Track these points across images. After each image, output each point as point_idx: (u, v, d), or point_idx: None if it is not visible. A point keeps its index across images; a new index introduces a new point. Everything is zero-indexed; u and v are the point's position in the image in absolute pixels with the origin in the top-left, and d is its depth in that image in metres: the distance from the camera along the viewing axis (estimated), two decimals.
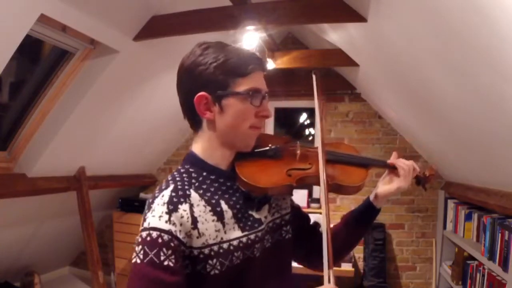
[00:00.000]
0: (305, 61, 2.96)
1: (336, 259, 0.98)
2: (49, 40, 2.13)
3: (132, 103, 2.82)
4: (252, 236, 0.82)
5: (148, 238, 0.72)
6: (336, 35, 2.56)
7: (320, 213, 3.44)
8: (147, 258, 0.70)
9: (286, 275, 0.93)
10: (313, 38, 3.16)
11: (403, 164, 0.95)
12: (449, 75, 1.65)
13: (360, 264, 3.35)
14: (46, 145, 2.52)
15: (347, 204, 3.40)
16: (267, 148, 0.90)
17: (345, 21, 2.02)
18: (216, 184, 0.82)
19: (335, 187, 0.91)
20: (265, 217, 0.88)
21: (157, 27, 2.26)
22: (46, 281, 3.55)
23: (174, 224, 0.73)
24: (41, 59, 2.41)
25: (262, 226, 0.85)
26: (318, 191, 3.25)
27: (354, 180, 0.91)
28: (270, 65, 2.93)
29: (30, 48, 2.24)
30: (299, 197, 3.32)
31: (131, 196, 3.77)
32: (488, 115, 1.60)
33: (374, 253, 3.20)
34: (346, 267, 2.84)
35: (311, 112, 3.70)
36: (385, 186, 0.97)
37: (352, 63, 2.71)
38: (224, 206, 0.81)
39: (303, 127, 3.84)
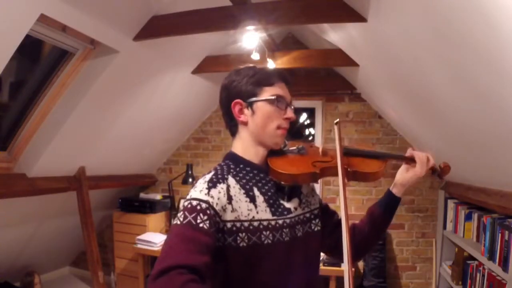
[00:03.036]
0: (305, 61, 2.95)
1: (365, 250, 1.17)
2: (49, 40, 2.13)
3: (132, 103, 2.82)
4: (280, 221, 0.98)
5: (189, 206, 0.88)
6: (336, 35, 2.56)
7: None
8: (186, 220, 0.85)
9: (313, 263, 1.09)
10: (313, 38, 3.15)
11: (420, 154, 1.09)
12: (449, 75, 1.65)
13: (360, 264, 3.35)
14: (46, 145, 2.52)
15: (348, 204, 3.40)
16: (295, 147, 1.09)
17: (345, 21, 2.02)
18: (251, 175, 1.01)
19: (354, 174, 1.05)
20: (295, 208, 1.04)
21: (157, 27, 2.26)
22: (46, 281, 3.55)
23: (212, 197, 0.90)
24: (41, 59, 2.40)
25: (291, 215, 1.02)
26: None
27: (371, 168, 1.06)
28: (270, 65, 2.92)
29: (30, 48, 2.24)
30: None
31: (131, 196, 3.77)
32: (488, 115, 1.60)
33: (374, 253, 3.20)
34: None
35: (311, 112, 3.70)
36: (402, 175, 1.10)
37: (352, 63, 2.71)
38: (256, 192, 0.98)
39: (303, 127, 3.84)
